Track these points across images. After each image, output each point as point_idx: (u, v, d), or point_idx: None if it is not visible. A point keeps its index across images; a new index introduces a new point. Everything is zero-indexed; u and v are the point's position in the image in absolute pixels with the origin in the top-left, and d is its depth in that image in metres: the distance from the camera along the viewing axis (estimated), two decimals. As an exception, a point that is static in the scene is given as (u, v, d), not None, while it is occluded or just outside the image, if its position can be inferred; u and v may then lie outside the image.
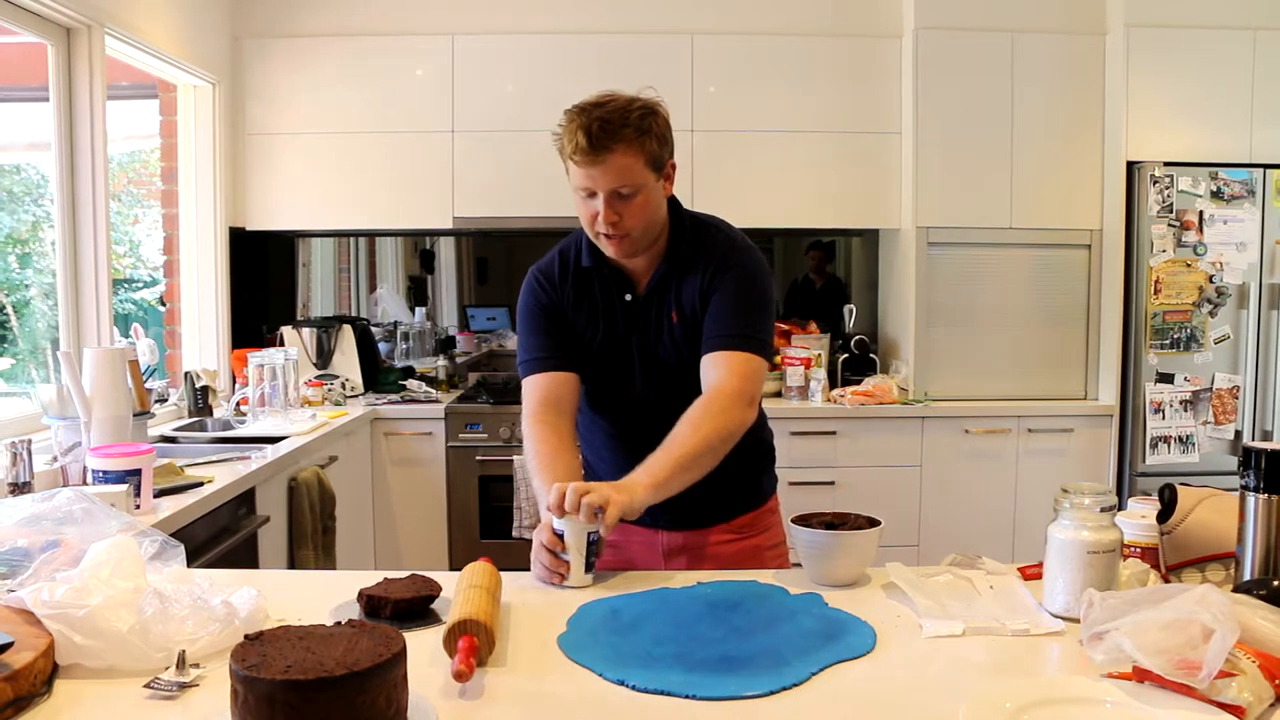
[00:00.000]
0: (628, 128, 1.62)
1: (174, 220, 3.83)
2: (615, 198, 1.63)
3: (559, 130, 1.66)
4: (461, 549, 3.77)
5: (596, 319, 1.78)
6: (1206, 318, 3.71)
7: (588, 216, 1.67)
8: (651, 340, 1.76)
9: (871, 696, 1.11)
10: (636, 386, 1.77)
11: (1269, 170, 3.68)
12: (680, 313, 1.75)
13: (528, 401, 1.76)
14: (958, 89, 3.84)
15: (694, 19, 3.97)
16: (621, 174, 1.62)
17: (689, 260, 1.75)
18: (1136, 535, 1.47)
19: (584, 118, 1.61)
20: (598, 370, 1.79)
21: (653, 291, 1.76)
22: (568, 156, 1.63)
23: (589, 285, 1.78)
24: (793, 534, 1.52)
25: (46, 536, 1.34)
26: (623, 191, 1.63)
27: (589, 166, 1.61)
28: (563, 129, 1.64)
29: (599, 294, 1.78)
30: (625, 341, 1.77)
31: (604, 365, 1.78)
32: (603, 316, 1.77)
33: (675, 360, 1.76)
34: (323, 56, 3.95)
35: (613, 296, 1.77)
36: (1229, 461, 3.69)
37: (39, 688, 1.07)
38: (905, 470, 3.76)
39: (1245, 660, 1.03)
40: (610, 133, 1.60)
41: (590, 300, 1.78)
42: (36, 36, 2.83)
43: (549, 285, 1.80)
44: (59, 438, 2.35)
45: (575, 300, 1.78)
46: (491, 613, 1.23)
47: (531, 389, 1.76)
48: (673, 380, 1.75)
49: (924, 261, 3.88)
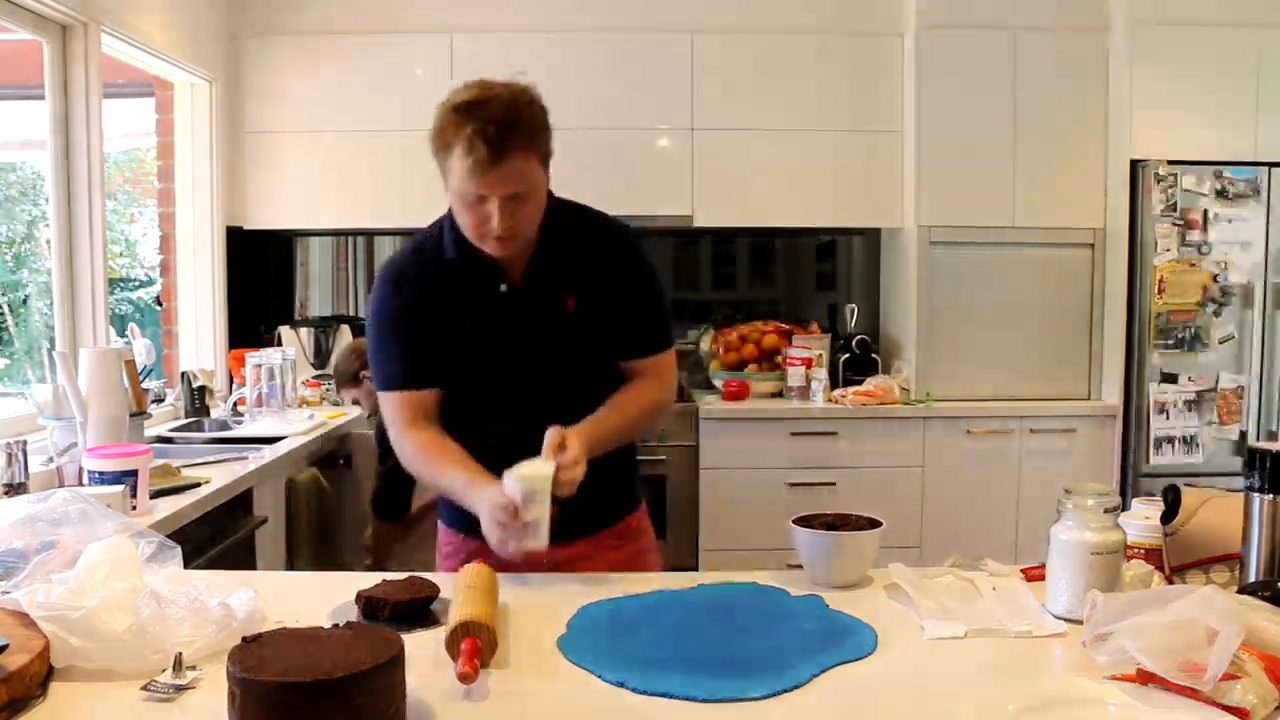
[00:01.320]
0: (521, 129, 1.51)
1: (171, 219, 3.82)
2: (510, 201, 1.53)
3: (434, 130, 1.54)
4: (461, 549, 3.76)
5: (464, 314, 1.66)
6: (1211, 317, 3.70)
7: (474, 221, 1.55)
8: (537, 330, 1.67)
9: (873, 698, 1.10)
10: (505, 388, 1.66)
11: (1274, 169, 3.67)
12: (578, 299, 1.67)
13: (398, 415, 1.68)
14: (960, 87, 3.83)
15: (694, 18, 3.96)
16: (519, 178, 1.53)
17: (568, 243, 1.67)
18: (1140, 536, 1.47)
19: (476, 122, 1.48)
20: (460, 374, 1.67)
21: (534, 279, 1.67)
22: (456, 162, 1.50)
23: (454, 280, 1.66)
24: (793, 535, 1.51)
25: (42, 538, 1.33)
26: (519, 194, 1.54)
27: (485, 174, 1.50)
28: (443, 131, 1.52)
29: (467, 288, 1.66)
30: (500, 335, 1.66)
31: (468, 366, 1.67)
32: (472, 311, 1.66)
33: (564, 351, 1.67)
34: (321, 55, 3.94)
35: (484, 289, 1.66)
36: (1233, 462, 3.68)
37: (34, 690, 1.06)
38: (907, 471, 3.76)
39: (1250, 662, 1.03)
40: (508, 139, 1.49)
41: (456, 295, 1.66)
42: (32, 34, 2.82)
43: (405, 286, 1.68)
44: (55, 438, 2.34)
45: (437, 297, 1.66)
46: (492, 614, 1.22)
47: (398, 404, 1.68)
48: (550, 375, 1.67)
49: (926, 261, 3.87)
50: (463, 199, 1.55)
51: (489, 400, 1.68)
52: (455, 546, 1.77)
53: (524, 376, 1.68)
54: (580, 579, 1.52)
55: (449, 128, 1.51)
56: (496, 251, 1.61)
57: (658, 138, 3.94)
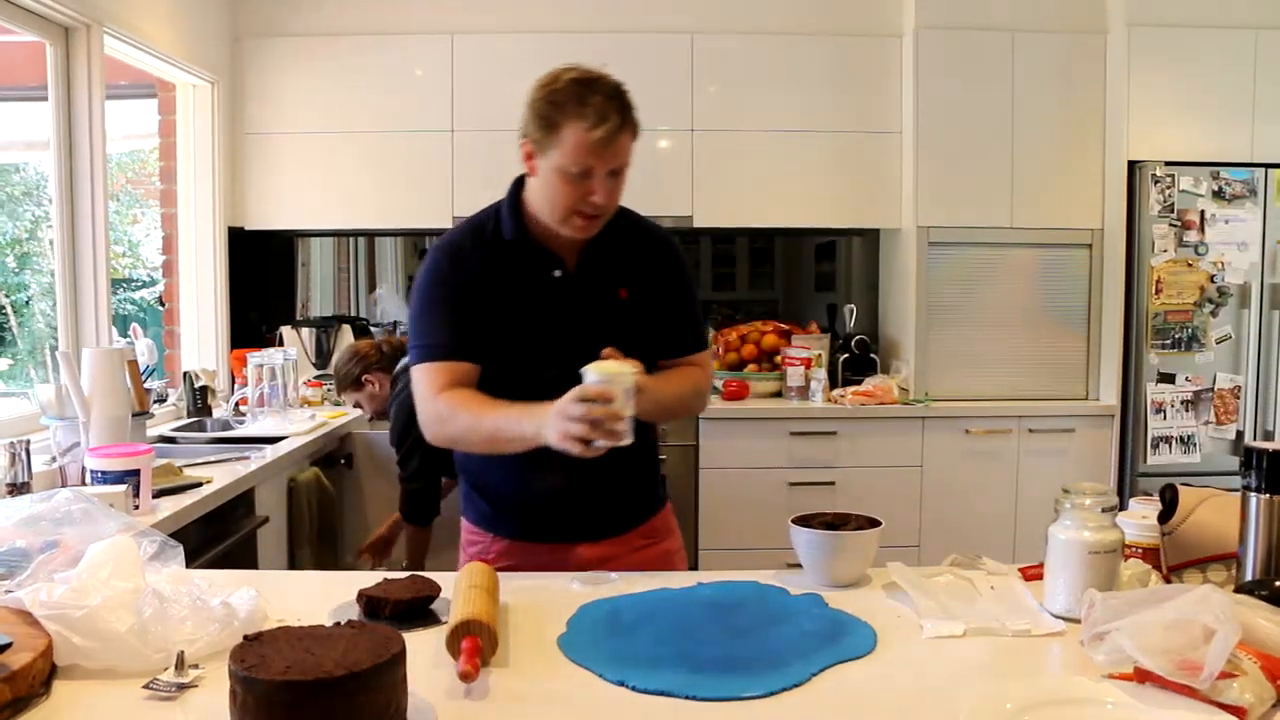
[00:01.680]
0: (630, 109, 1.60)
1: (173, 220, 3.83)
2: (610, 176, 1.59)
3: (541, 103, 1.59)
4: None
5: (516, 297, 1.67)
6: (1208, 317, 3.70)
7: (575, 195, 1.59)
8: (589, 317, 1.69)
9: (872, 697, 1.11)
10: (550, 371, 1.62)
11: (1270, 170, 3.67)
12: (630, 290, 1.71)
13: (434, 382, 1.63)
14: (958, 88, 3.84)
15: (694, 19, 3.97)
16: (625, 154, 1.61)
17: (617, 236, 1.71)
18: (1138, 536, 1.47)
19: (600, 95, 1.56)
20: (504, 357, 1.67)
21: (588, 267, 1.70)
22: (576, 133, 1.55)
23: (509, 261, 1.69)
24: (793, 534, 1.52)
25: (45, 537, 1.33)
26: (616, 170, 1.60)
27: (607, 147, 1.56)
28: (560, 104, 1.56)
29: (521, 270, 1.68)
30: (551, 320, 1.68)
31: (514, 350, 1.67)
32: (523, 294, 1.68)
33: (613, 339, 1.66)
34: (322, 56, 3.94)
35: (538, 273, 1.69)
36: (1230, 462, 3.68)
37: (37, 689, 1.07)
38: (906, 470, 3.76)
39: (1247, 661, 1.03)
40: (625, 114, 1.58)
41: (509, 277, 1.68)
42: (35, 36, 2.83)
43: (461, 261, 1.68)
44: (57, 438, 2.35)
45: (490, 277, 1.67)
46: (493, 613, 1.23)
47: (436, 372, 1.64)
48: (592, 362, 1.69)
49: (924, 261, 3.87)
50: (566, 172, 1.58)
51: (530, 384, 1.65)
52: (484, 546, 1.76)
53: (571, 362, 1.65)
54: (580, 579, 1.53)
55: (568, 101, 1.56)
56: (580, 232, 1.64)
57: (658, 138, 3.95)
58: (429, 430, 1.66)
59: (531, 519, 1.73)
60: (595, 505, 1.58)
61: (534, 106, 1.60)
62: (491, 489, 1.77)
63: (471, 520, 1.81)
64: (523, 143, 1.65)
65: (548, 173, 1.61)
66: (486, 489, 1.78)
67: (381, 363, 3.06)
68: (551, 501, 1.70)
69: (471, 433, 1.61)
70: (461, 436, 1.64)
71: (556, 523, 1.72)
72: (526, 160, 1.66)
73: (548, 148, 1.59)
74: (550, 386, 1.59)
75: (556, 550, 1.71)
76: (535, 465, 1.59)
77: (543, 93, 1.60)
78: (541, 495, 1.70)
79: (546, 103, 1.58)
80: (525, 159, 1.66)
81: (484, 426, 1.58)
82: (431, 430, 1.66)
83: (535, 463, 1.57)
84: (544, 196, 1.64)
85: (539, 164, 1.62)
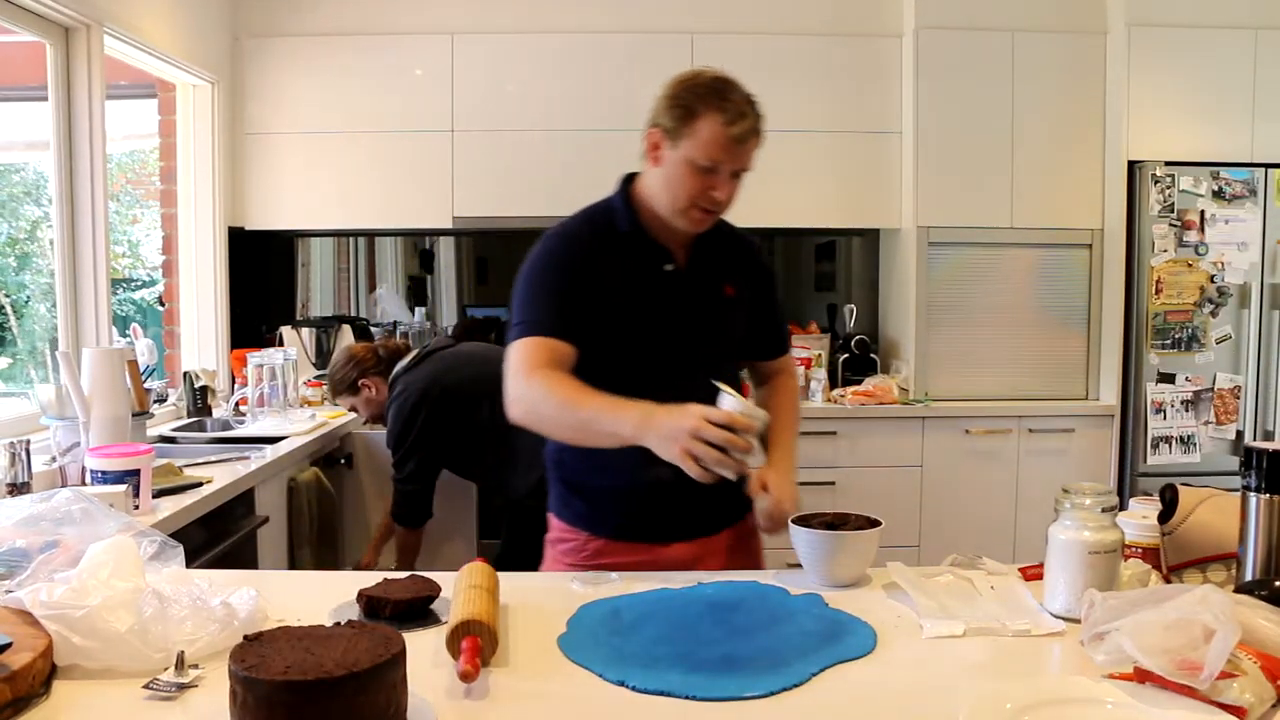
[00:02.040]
0: (761, 115, 1.65)
1: (173, 220, 3.83)
2: (734, 176, 1.65)
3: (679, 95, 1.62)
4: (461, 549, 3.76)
5: (627, 288, 1.69)
6: (1208, 317, 3.70)
7: (698, 188, 1.63)
8: (697, 312, 1.73)
9: (872, 697, 1.11)
10: (652, 362, 1.67)
11: (1270, 170, 3.68)
12: (736, 288, 1.76)
13: (533, 358, 1.60)
14: (958, 89, 3.84)
15: (694, 19, 3.97)
16: (750, 156, 1.66)
17: (720, 237, 1.77)
18: (1138, 535, 1.47)
19: (739, 95, 1.62)
20: (607, 346, 1.66)
21: (697, 264, 1.74)
22: (711, 127, 1.59)
23: (622, 252, 1.71)
24: (793, 534, 1.52)
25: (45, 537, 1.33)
26: (739, 172, 1.65)
27: (739, 145, 1.61)
28: (702, 97, 1.61)
29: (633, 262, 1.71)
30: (659, 312, 1.71)
31: (619, 339, 1.68)
32: (635, 286, 1.70)
33: (718, 334, 1.74)
34: (322, 56, 3.94)
35: (650, 266, 1.72)
36: (1230, 462, 3.68)
37: (37, 688, 1.07)
38: (906, 470, 3.76)
39: (1247, 661, 1.03)
40: (758, 119, 1.64)
41: (622, 268, 1.70)
42: (35, 36, 2.83)
43: (576, 246, 1.70)
44: (57, 438, 2.35)
45: (603, 266, 1.69)
46: (493, 613, 1.23)
47: (536, 348, 1.62)
48: (698, 355, 1.72)
49: (924, 261, 3.87)
50: (694, 164, 1.62)
51: (629, 374, 1.65)
52: (577, 544, 1.76)
53: (674, 353, 1.71)
54: (581, 579, 1.53)
55: (709, 95, 1.61)
56: (695, 225, 1.68)
57: (658, 138, 3.94)
58: (514, 408, 1.62)
59: (630, 517, 1.73)
60: (694, 503, 1.57)
61: (671, 97, 1.64)
62: (591, 487, 1.76)
63: (565, 520, 1.80)
64: (650, 132, 1.67)
65: (675, 163, 1.64)
66: (584, 487, 1.77)
67: (378, 367, 3.05)
68: (654, 498, 1.68)
69: (561, 417, 1.57)
70: (550, 418, 1.60)
71: (654, 521, 1.72)
72: (651, 150, 1.68)
73: (680, 138, 1.62)
74: (646, 381, 1.60)
75: (651, 550, 1.72)
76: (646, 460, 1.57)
77: (682, 85, 1.64)
78: (645, 491, 1.68)
79: (688, 93, 1.62)
80: (650, 149, 1.68)
81: (577, 414, 1.55)
82: (518, 408, 1.62)
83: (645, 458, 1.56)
84: (666, 187, 1.67)
85: (666, 154, 1.65)
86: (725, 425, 1.40)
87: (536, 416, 1.61)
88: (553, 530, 1.83)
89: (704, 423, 1.40)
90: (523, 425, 1.63)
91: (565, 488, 1.80)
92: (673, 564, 1.68)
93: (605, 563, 1.69)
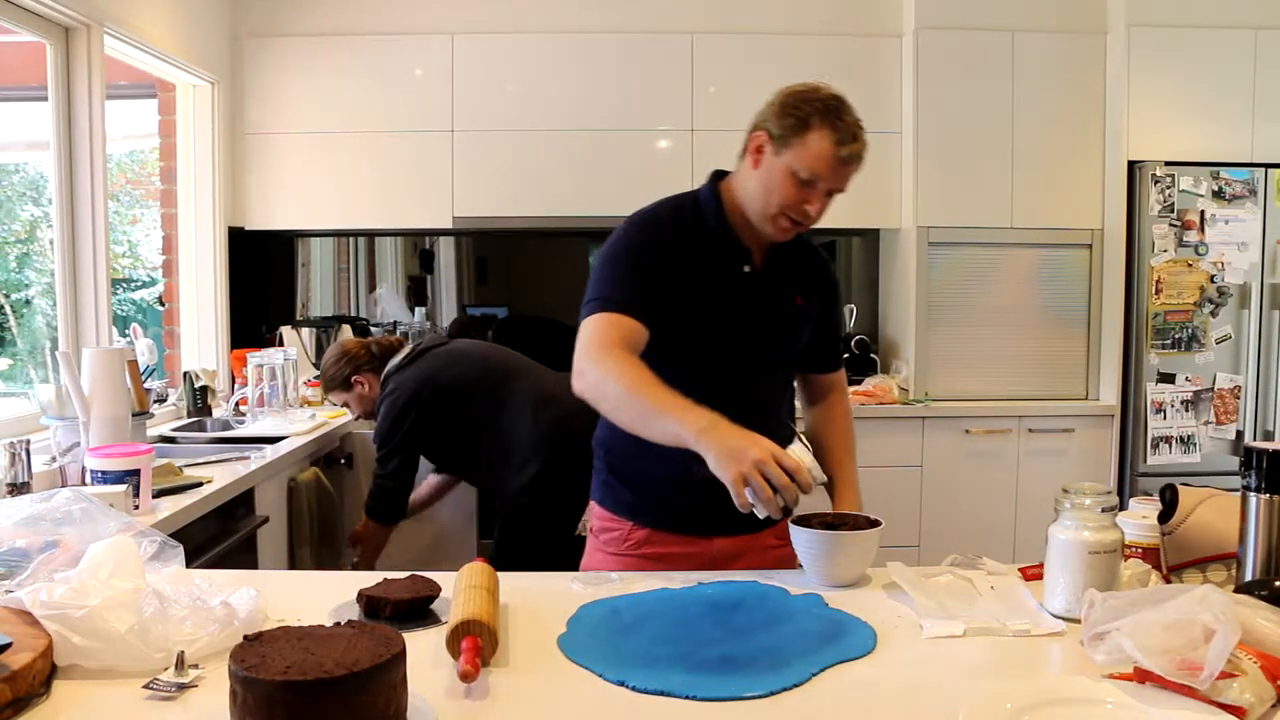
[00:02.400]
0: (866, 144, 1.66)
1: (173, 220, 3.83)
2: (829, 195, 1.66)
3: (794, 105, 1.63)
4: (461, 549, 3.76)
5: (704, 282, 1.70)
6: (1208, 317, 3.70)
7: (790, 198, 1.64)
8: (769, 316, 1.74)
9: (872, 697, 1.11)
10: (714, 361, 1.66)
11: (1270, 170, 3.68)
12: (806, 297, 1.78)
13: (609, 333, 1.59)
14: (958, 88, 3.84)
15: (694, 19, 3.97)
16: (848, 179, 1.67)
17: (794, 247, 1.78)
18: (1138, 535, 1.47)
19: (853, 117, 1.63)
20: (676, 336, 1.65)
21: (772, 270, 1.75)
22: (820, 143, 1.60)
23: (705, 246, 1.72)
24: (792, 534, 1.52)
25: (45, 537, 1.33)
26: (833, 192, 1.66)
27: (843, 166, 1.62)
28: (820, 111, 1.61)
29: (714, 257, 1.72)
30: (732, 311, 1.71)
31: (689, 331, 1.68)
32: (712, 281, 1.70)
33: (785, 340, 1.75)
34: (322, 56, 3.95)
35: (729, 264, 1.72)
36: (1230, 462, 3.68)
37: (37, 688, 1.07)
38: (905, 470, 3.76)
39: (1246, 661, 1.03)
40: (864, 146, 1.65)
41: (704, 262, 1.70)
42: (35, 36, 2.83)
43: (661, 231, 1.70)
44: (57, 438, 2.35)
45: (687, 256, 1.69)
46: (493, 613, 1.23)
47: (612, 324, 1.60)
48: (762, 359, 1.73)
49: (924, 261, 3.87)
50: (794, 174, 1.63)
51: (688, 366, 1.66)
52: (621, 533, 1.77)
53: (736, 353, 1.71)
54: (581, 579, 1.53)
55: (824, 112, 1.62)
56: (780, 234, 1.70)
57: (658, 138, 3.95)
58: (579, 380, 1.60)
59: (677, 508, 1.73)
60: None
61: (786, 106, 1.65)
62: (639, 475, 1.76)
63: (609, 508, 1.80)
64: (755, 134, 1.69)
65: (776, 169, 1.65)
66: (632, 476, 1.77)
67: (371, 363, 3.04)
68: (703, 490, 1.64)
69: (625, 402, 1.54)
70: (613, 399, 1.57)
71: (701, 513, 1.71)
72: (754, 152, 1.69)
73: (787, 146, 1.63)
74: (708, 376, 1.62)
75: (695, 542, 1.73)
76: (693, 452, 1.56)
77: (799, 96, 1.65)
78: (694, 483, 1.64)
79: (804, 105, 1.63)
80: (752, 150, 1.69)
81: (643, 403, 1.52)
82: (582, 382, 1.60)
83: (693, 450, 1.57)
84: (760, 191, 1.67)
85: (768, 159, 1.66)
86: (790, 472, 1.39)
87: (599, 395, 1.58)
88: (596, 519, 1.83)
89: (773, 460, 1.38)
90: (584, 399, 1.61)
91: (613, 475, 1.80)
92: (716, 557, 1.70)
93: (648, 552, 1.70)
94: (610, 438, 1.79)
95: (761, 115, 1.69)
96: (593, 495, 1.85)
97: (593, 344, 1.60)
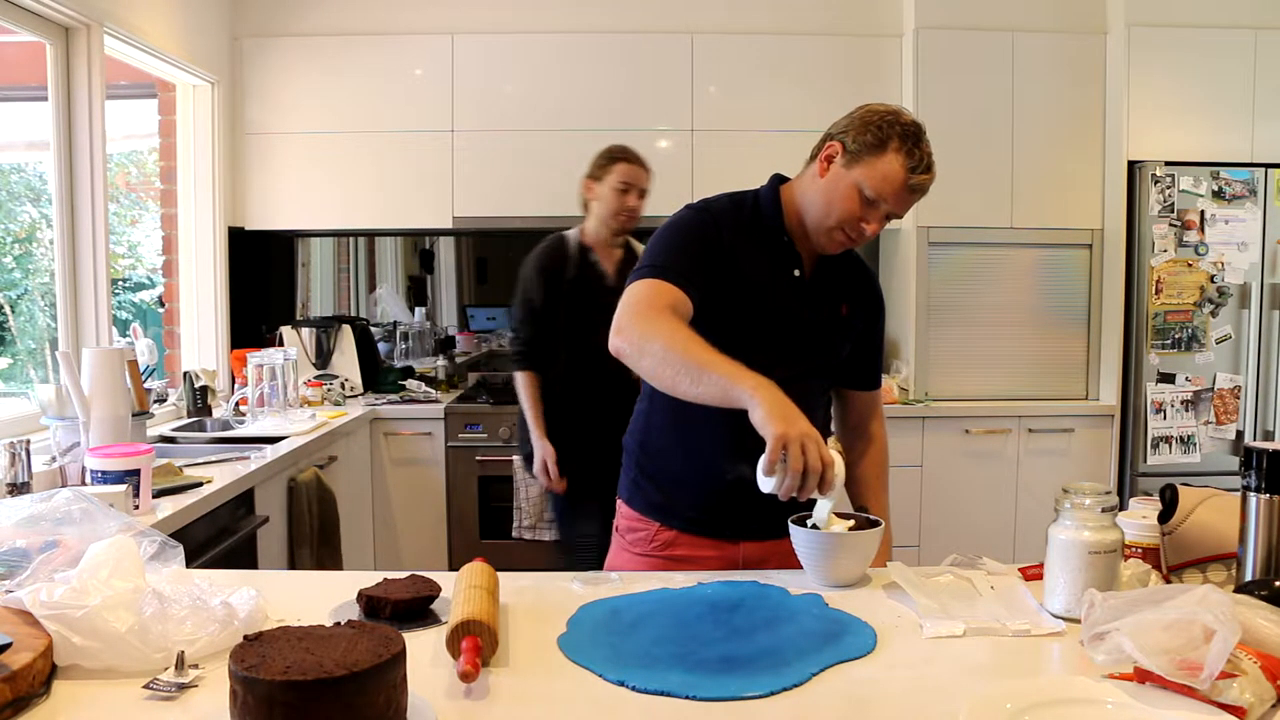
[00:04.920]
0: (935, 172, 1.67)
1: (173, 220, 3.83)
2: (886, 217, 1.65)
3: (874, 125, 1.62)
4: (461, 549, 3.77)
5: (754, 279, 1.68)
6: (1208, 317, 3.71)
7: (850, 214, 1.63)
8: (813, 322, 1.73)
9: (872, 697, 1.10)
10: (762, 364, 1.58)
11: (1270, 170, 3.68)
12: (851, 308, 1.77)
13: (657, 297, 1.55)
14: (958, 88, 3.84)
15: (694, 19, 3.97)
16: (910, 206, 1.67)
17: (844, 256, 1.77)
18: (1138, 535, 1.47)
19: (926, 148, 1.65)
20: (717, 330, 1.57)
21: (819, 276, 1.75)
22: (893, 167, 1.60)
23: (760, 244, 1.71)
24: (793, 534, 1.52)
25: (45, 537, 1.33)
26: (892, 216, 1.66)
27: (910, 193, 1.63)
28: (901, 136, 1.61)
29: (767, 258, 1.71)
30: (778, 313, 1.70)
31: (731, 325, 1.64)
32: (762, 280, 1.69)
33: (826, 348, 1.74)
34: (322, 56, 3.95)
35: (780, 266, 1.72)
36: (1230, 462, 3.68)
37: (37, 688, 1.07)
38: (906, 470, 3.76)
39: (1247, 661, 1.03)
40: (934, 175, 1.66)
41: (755, 259, 1.69)
42: (35, 36, 2.83)
43: (720, 221, 1.69)
44: (57, 438, 2.35)
45: (740, 250, 1.68)
46: (493, 613, 1.23)
47: (660, 290, 1.56)
48: (803, 363, 1.71)
49: (924, 261, 3.88)
50: (859, 190, 1.62)
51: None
52: (647, 534, 1.76)
53: (777, 357, 1.65)
54: (581, 579, 1.53)
55: (904, 137, 1.62)
56: (831, 247, 1.70)
57: (658, 138, 3.95)
58: (618, 335, 1.55)
59: (706, 510, 1.72)
60: (770, 503, 1.56)
61: (867, 123, 1.63)
62: (669, 476, 1.75)
63: (636, 508, 1.79)
64: (829, 144, 1.67)
65: (842, 182, 1.64)
66: (661, 476, 1.76)
67: None
68: (733, 493, 1.66)
69: (668, 358, 1.47)
70: (654, 354, 1.49)
71: (729, 516, 1.71)
72: (824, 161, 1.67)
73: (859, 162, 1.62)
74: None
75: (722, 546, 1.72)
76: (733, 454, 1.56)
77: (881, 117, 1.63)
78: (725, 486, 1.66)
79: (887, 126, 1.62)
80: (822, 159, 1.68)
81: (688, 359, 1.46)
82: (621, 337, 1.54)
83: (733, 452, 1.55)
84: (822, 201, 1.66)
85: (836, 170, 1.65)
86: (824, 464, 1.37)
87: (639, 350, 1.51)
88: (622, 519, 1.82)
89: (814, 441, 1.36)
90: (618, 355, 1.56)
91: (642, 475, 1.79)
92: (742, 562, 1.69)
93: (675, 554, 1.69)
94: (644, 431, 1.78)
95: (838, 126, 1.67)
96: (620, 494, 1.84)
97: (640, 303, 1.56)
